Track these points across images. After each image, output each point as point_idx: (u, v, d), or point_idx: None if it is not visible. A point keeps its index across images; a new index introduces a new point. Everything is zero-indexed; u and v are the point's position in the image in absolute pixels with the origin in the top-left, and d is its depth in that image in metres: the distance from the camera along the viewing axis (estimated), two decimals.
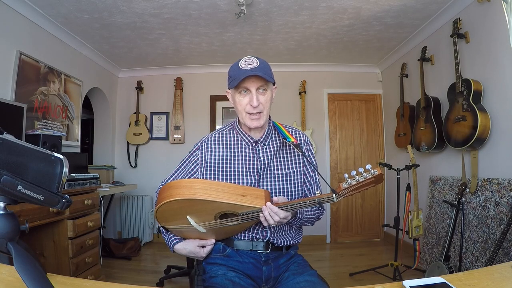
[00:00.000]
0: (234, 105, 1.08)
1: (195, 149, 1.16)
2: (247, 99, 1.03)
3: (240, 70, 1.00)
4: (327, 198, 0.88)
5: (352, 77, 4.08)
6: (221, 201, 0.89)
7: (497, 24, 2.10)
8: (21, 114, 2.22)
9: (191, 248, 1.04)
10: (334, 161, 4.00)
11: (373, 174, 0.81)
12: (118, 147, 4.08)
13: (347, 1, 2.49)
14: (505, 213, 1.97)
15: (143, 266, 3.06)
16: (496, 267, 0.82)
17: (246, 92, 1.03)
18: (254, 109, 1.02)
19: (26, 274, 0.50)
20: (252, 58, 1.03)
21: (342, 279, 2.63)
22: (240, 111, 1.05)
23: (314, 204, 0.89)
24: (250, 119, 1.05)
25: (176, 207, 0.93)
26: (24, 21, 2.45)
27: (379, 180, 0.84)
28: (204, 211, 0.93)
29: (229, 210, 0.92)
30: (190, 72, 4.07)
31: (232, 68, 1.06)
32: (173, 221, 1.00)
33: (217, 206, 0.91)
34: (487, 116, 2.12)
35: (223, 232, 1.03)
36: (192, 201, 0.90)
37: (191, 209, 0.93)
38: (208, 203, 0.90)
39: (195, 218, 0.96)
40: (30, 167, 0.54)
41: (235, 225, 0.98)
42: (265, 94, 1.04)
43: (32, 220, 1.67)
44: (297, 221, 1.06)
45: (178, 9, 2.59)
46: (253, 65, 1.00)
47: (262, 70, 1.00)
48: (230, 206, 0.90)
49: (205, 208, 0.92)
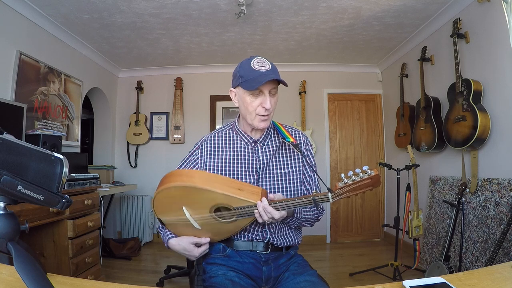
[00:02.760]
0: (243, 105, 1.05)
1: (195, 148, 1.17)
2: (259, 101, 1.02)
3: (255, 71, 0.99)
4: (323, 197, 0.87)
5: (352, 77, 4.08)
6: (217, 191, 0.90)
7: (497, 24, 2.10)
8: (21, 114, 2.21)
9: (185, 244, 1.02)
10: (334, 161, 4.00)
11: (370, 175, 0.81)
12: (118, 147, 4.08)
13: (347, 1, 2.49)
14: (505, 213, 1.97)
15: (143, 266, 3.06)
16: (496, 267, 0.82)
17: (259, 94, 1.02)
18: (266, 111, 1.02)
19: (26, 274, 0.50)
20: (264, 60, 1.02)
21: (342, 279, 2.63)
22: (251, 112, 1.04)
23: (310, 203, 0.88)
24: (260, 120, 1.04)
25: (174, 195, 0.94)
26: (24, 21, 2.45)
27: (376, 182, 0.83)
28: (200, 202, 0.93)
29: (224, 203, 0.92)
30: (190, 72, 4.07)
31: (243, 67, 1.03)
32: (169, 212, 0.99)
33: (213, 197, 0.91)
34: (487, 116, 2.12)
35: (217, 231, 1.01)
36: (189, 189, 0.91)
37: (187, 199, 0.94)
38: (205, 193, 0.91)
39: (191, 210, 0.96)
40: (30, 167, 0.54)
41: (229, 223, 0.97)
42: (275, 96, 1.05)
43: (32, 220, 1.67)
44: (295, 221, 1.05)
45: (178, 9, 2.59)
46: (267, 67, 1.00)
47: (276, 74, 1.00)
48: (226, 198, 0.91)
49: (201, 198, 0.92)
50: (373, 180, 0.82)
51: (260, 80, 0.97)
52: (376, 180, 0.83)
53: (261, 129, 1.08)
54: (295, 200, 0.89)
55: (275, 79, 0.99)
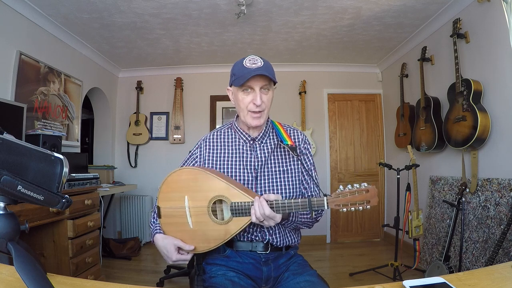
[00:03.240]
0: (236, 102, 1.08)
1: (195, 148, 1.18)
2: (250, 98, 1.04)
3: (246, 68, 1.01)
4: (318, 202, 0.89)
5: (352, 77, 4.08)
6: (222, 180, 0.98)
7: (497, 24, 2.10)
8: (21, 114, 2.21)
9: (168, 243, 0.99)
10: (334, 161, 3.99)
11: (366, 187, 0.86)
12: (118, 147, 4.08)
13: (347, 1, 2.49)
14: (505, 213, 1.97)
15: (143, 266, 3.06)
16: (496, 267, 0.82)
17: (249, 91, 1.04)
18: (257, 107, 1.03)
19: (26, 274, 0.50)
20: (257, 58, 1.04)
21: (342, 279, 2.63)
22: (243, 109, 1.06)
23: (304, 207, 0.89)
24: (252, 118, 1.06)
25: (184, 178, 1.02)
26: (24, 21, 2.45)
27: (373, 196, 0.86)
28: (202, 191, 0.99)
29: (224, 195, 0.97)
30: (190, 72, 4.07)
31: (236, 66, 1.06)
32: (170, 199, 1.02)
33: (216, 186, 0.98)
34: (487, 116, 2.12)
35: (206, 236, 0.98)
36: (197, 174, 1.01)
37: (193, 185, 1.00)
38: (210, 180, 0.99)
39: (191, 201, 1.00)
40: (30, 167, 0.54)
41: (221, 225, 0.96)
42: (268, 94, 1.06)
43: (32, 220, 1.67)
44: (290, 224, 1.05)
45: (178, 9, 2.58)
46: (258, 65, 1.02)
47: (267, 70, 1.01)
48: (227, 189, 0.97)
49: (205, 187, 0.99)
50: (370, 193, 0.86)
51: (247, 76, 0.99)
52: (373, 194, 0.86)
53: (254, 127, 1.09)
54: (290, 201, 0.91)
55: (265, 76, 1.00)
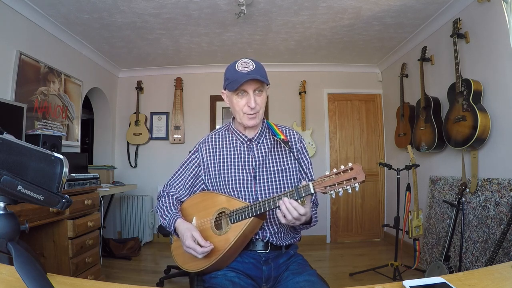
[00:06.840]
0: (231, 105, 1.11)
1: (194, 150, 1.20)
2: (245, 101, 1.06)
3: (238, 72, 1.03)
4: (305, 187, 0.90)
5: (352, 77, 4.07)
6: (222, 194, 1.09)
7: (497, 24, 2.10)
8: (21, 114, 2.21)
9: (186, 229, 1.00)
10: (334, 161, 3.99)
11: (349, 166, 0.86)
12: (118, 147, 4.08)
13: (347, 1, 2.49)
14: (505, 213, 1.97)
15: (143, 266, 3.06)
16: (496, 267, 0.82)
17: (243, 94, 1.06)
18: (252, 110, 1.06)
19: (26, 274, 0.50)
20: (248, 61, 1.06)
21: (342, 279, 2.63)
22: (238, 111, 1.08)
23: (292, 195, 0.91)
24: (248, 118, 1.08)
25: (194, 202, 1.14)
26: (24, 21, 2.45)
27: (359, 172, 0.84)
28: (207, 208, 1.08)
29: (225, 206, 1.05)
30: (190, 72, 4.07)
31: (228, 70, 1.09)
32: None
33: (218, 202, 1.07)
34: (487, 116, 2.12)
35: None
36: (204, 196, 1.13)
37: (201, 206, 1.10)
38: (214, 198, 1.09)
39: (198, 220, 1.09)
40: (30, 167, 0.54)
41: (221, 235, 1.02)
42: (261, 95, 1.08)
43: (32, 220, 1.67)
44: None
45: (178, 9, 2.58)
46: (250, 68, 1.03)
47: (259, 73, 1.03)
48: (227, 201, 1.06)
49: (210, 204, 1.08)
50: (355, 169, 0.85)
51: (240, 80, 1.01)
52: (358, 170, 0.85)
53: (251, 127, 1.11)
54: (280, 195, 0.94)
55: (256, 79, 1.02)
